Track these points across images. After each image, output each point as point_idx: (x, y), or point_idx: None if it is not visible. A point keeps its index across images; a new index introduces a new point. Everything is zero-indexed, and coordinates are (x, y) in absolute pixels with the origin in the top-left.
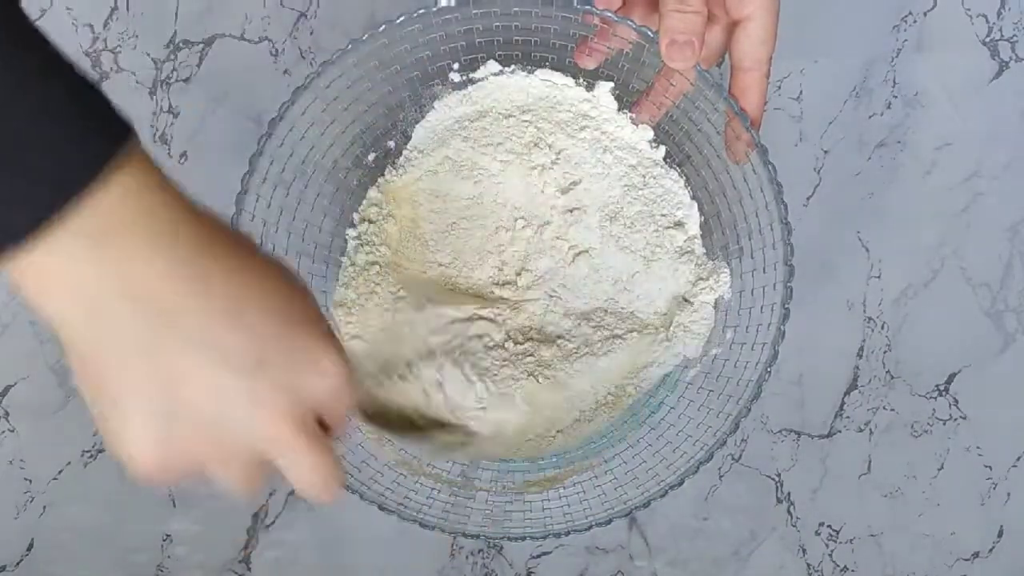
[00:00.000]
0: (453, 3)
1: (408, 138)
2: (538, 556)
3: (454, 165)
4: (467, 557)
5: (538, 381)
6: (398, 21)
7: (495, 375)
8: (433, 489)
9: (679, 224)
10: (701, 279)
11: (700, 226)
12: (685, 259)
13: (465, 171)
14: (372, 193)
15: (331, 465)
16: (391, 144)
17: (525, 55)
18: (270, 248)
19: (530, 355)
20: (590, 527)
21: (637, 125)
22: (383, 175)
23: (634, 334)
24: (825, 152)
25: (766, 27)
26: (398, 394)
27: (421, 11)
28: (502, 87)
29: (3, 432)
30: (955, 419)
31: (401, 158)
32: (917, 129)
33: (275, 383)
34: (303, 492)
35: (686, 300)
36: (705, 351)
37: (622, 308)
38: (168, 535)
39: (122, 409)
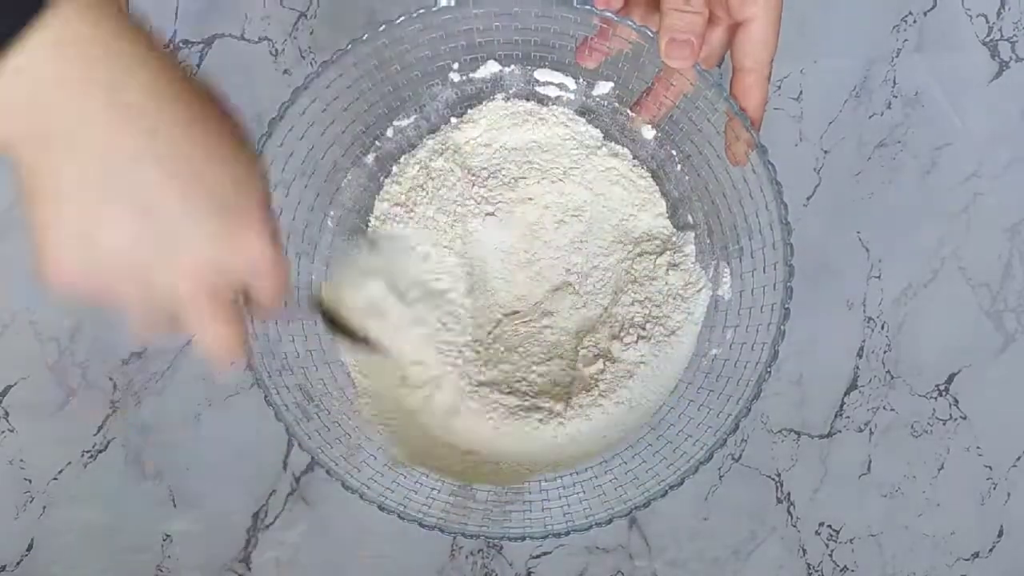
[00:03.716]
0: (453, 3)
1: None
2: (538, 556)
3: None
4: (467, 557)
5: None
6: (398, 21)
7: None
8: (433, 489)
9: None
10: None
11: (698, 226)
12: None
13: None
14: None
15: (232, 339)
16: (391, 144)
17: (525, 55)
18: None
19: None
20: (590, 527)
21: (637, 126)
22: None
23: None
24: (825, 152)
25: (768, 29)
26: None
27: (421, 11)
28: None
29: (3, 432)
30: (955, 419)
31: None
32: (917, 129)
33: (195, 247)
34: (203, 355)
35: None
36: (705, 351)
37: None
38: (168, 535)
39: (52, 228)
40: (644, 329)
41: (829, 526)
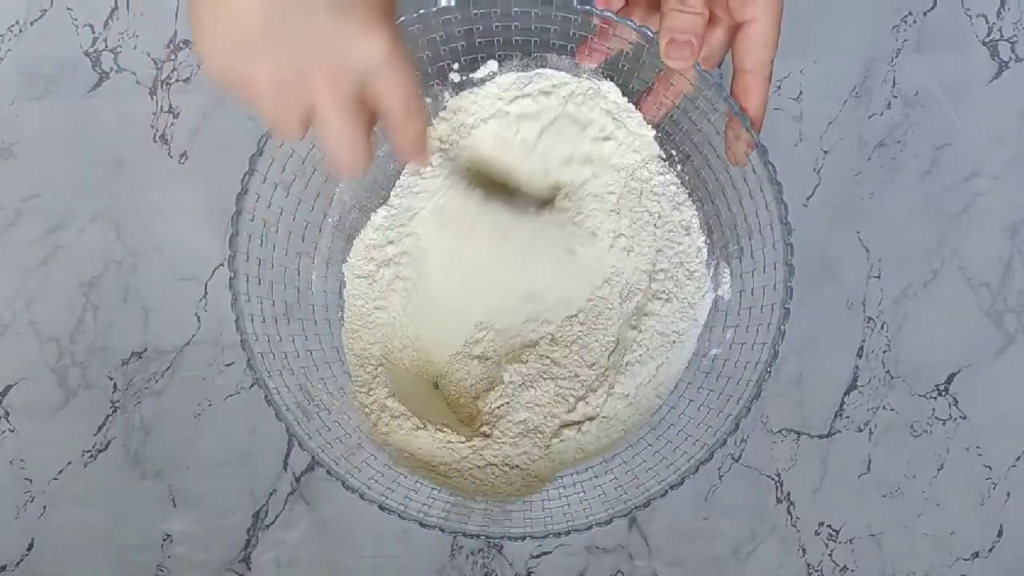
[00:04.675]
0: (453, 3)
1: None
2: (538, 556)
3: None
4: (467, 557)
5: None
6: (398, 21)
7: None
8: (434, 489)
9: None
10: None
11: (700, 226)
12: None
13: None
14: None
15: (357, 141)
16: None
17: (525, 55)
18: (270, 248)
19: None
20: (590, 527)
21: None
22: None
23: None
24: (825, 152)
25: (769, 30)
26: None
27: (421, 11)
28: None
29: (3, 432)
30: (955, 419)
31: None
32: (917, 129)
33: (320, 34)
34: (326, 156)
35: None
36: (705, 351)
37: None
38: (168, 535)
39: (198, 15)
40: (654, 333)
41: (829, 526)
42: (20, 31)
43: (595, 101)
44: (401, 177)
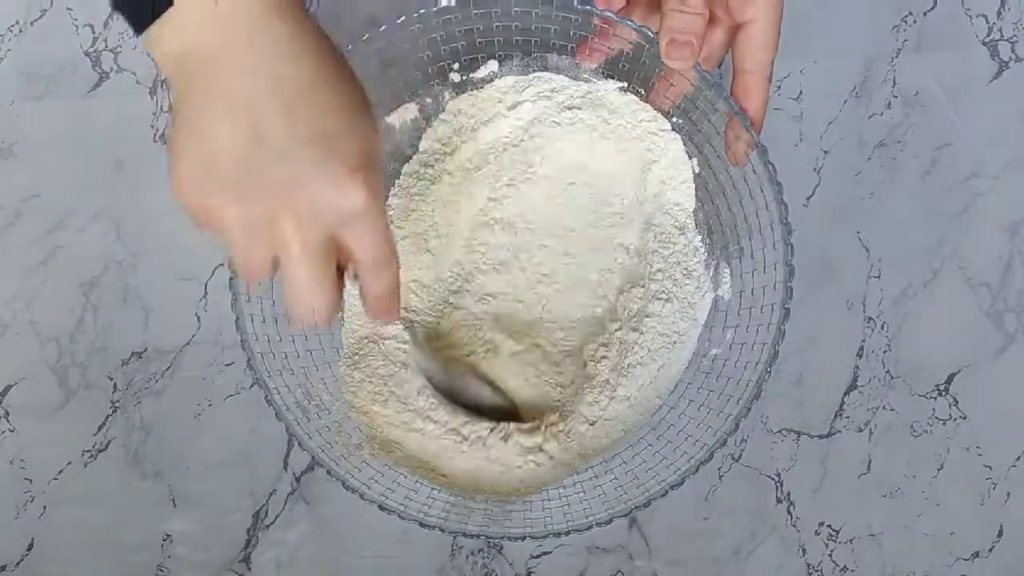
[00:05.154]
0: (453, 3)
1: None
2: (538, 556)
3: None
4: (467, 557)
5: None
6: (398, 21)
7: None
8: (434, 489)
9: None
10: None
11: (698, 226)
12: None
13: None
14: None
15: (319, 289)
16: (390, 145)
17: (525, 55)
18: None
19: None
20: (590, 527)
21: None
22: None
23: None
24: (825, 152)
25: (769, 30)
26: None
27: (421, 11)
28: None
29: (3, 432)
30: (955, 419)
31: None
32: (917, 129)
33: (294, 179)
34: (288, 304)
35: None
36: (705, 351)
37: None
38: (168, 535)
39: (177, 139)
40: (652, 335)
41: (829, 526)
42: (20, 31)
43: (592, 102)
44: (400, 178)
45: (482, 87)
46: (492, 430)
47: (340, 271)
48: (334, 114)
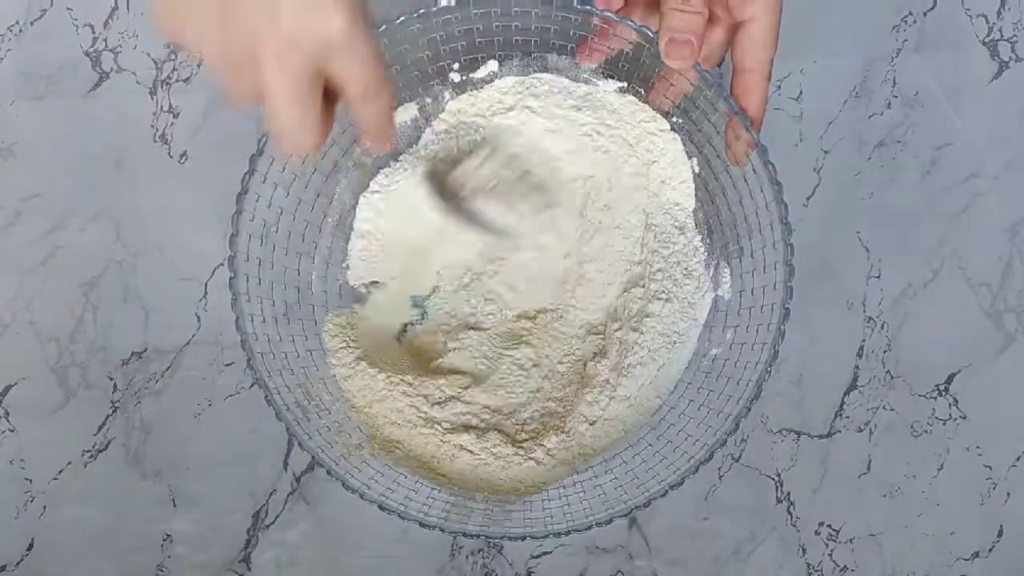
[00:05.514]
0: (453, 3)
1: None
2: (538, 556)
3: None
4: (467, 557)
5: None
6: (398, 21)
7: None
8: (434, 489)
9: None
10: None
11: (697, 226)
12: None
13: None
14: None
15: (303, 121)
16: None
17: (525, 55)
18: (270, 248)
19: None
20: (590, 527)
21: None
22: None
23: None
24: (825, 152)
25: (768, 29)
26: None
27: (421, 11)
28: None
29: (3, 432)
30: (955, 419)
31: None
32: (917, 129)
33: (271, 6)
34: (272, 136)
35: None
36: (705, 351)
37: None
38: (168, 535)
39: None
40: (651, 335)
41: (829, 526)
42: (20, 31)
43: (592, 102)
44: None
45: (482, 87)
46: (483, 434)
47: (330, 103)
48: None
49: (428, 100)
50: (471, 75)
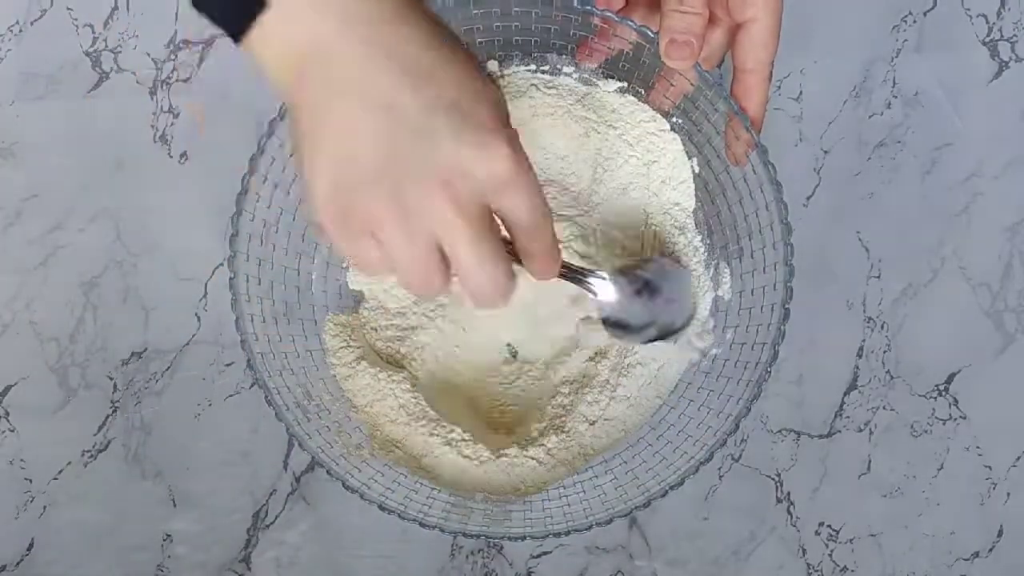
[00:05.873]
0: (453, 3)
1: None
2: (538, 556)
3: None
4: (467, 557)
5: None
6: None
7: None
8: (434, 489)
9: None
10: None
11: (698, 226)
12: None
13: None
14: None
15: (502, 264)
16: None
17: (525, 55)
18: (270, 248)
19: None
20: (590, 527)
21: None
22: None
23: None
24: (825, 152)
25: (769, 29)
26: None
27: None
28: None
29: (3, 432)
30: (955, 419)
31: None
32: (917, 129)
33: (439, 151)
34: (467, 289)
35: None
36: (705, 350)
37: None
38: (168, 535)
39: (309, 153)
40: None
41: (829, 526)
42: (20, 31)
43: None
44: None
45: None
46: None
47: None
48: (459, 82)
49: None
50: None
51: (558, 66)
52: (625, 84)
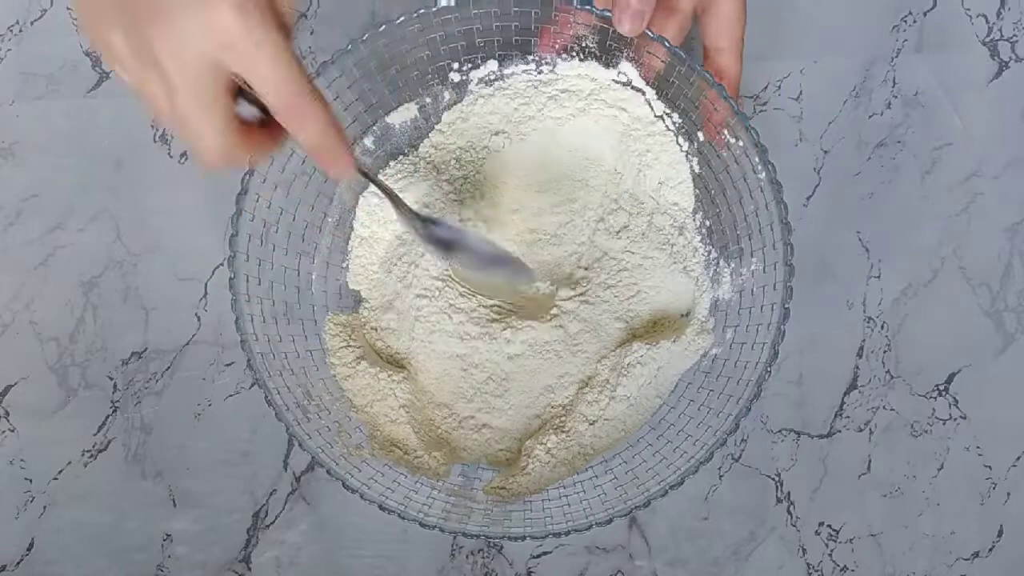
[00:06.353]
0: (453, 3)
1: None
2: (538, 556)
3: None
4: (467, 557)
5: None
6: (398, 21)
7: None
8: (434, 489)
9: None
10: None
11: (697, 226)
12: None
13: None
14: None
15: (215, 130)
16: (391, 145)
17: (525, 55)
18: (270, 248)
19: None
20: (590, 527)
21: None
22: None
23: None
24: (825, 152)
25: (736, 6)
26: None
27: (421, 11)
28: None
29: (3, 432)
30: (955, 419)
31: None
32: (917, 129)
33: (165, 3)
34: (184, 142)
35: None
36: (705, 350)
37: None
38: (168, 535)
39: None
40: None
41: (829, 526)
42: (20, 31)
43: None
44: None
45: (474, 103)
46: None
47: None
48: None
49: (428, 100)
50: (471, 75)
51: (557, 66)
52: (625, 82)
